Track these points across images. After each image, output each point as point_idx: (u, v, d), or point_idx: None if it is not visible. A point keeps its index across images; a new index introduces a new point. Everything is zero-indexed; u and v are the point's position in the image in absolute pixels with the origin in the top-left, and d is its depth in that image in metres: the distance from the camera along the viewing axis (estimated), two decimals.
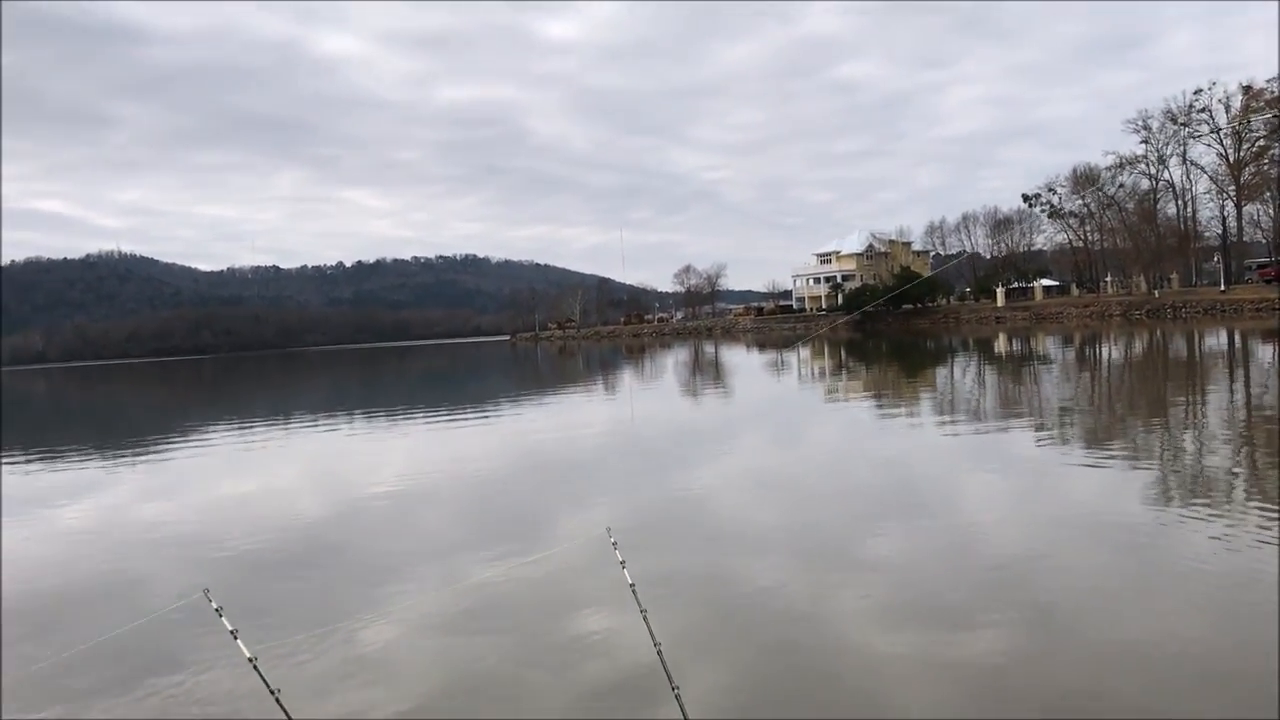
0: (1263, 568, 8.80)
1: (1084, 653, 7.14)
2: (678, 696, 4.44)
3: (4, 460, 24.94)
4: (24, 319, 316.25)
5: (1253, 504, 11.84)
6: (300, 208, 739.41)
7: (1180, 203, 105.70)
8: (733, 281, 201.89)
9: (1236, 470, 14.29)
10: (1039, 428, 20.24)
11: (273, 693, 4.40)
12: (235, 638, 4.57)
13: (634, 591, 5.17)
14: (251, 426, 32.21)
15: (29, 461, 24.96)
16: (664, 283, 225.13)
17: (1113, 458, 15.84)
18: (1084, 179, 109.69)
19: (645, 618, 5.02)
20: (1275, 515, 10.86)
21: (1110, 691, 6.39)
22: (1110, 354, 46.12)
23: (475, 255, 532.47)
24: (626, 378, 52.80)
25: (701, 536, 11.62)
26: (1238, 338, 49.17)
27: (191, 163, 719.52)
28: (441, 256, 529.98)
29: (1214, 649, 7.12)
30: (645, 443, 22.44)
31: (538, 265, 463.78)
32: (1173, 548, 9.86)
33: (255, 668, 4.46)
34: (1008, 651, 7.24)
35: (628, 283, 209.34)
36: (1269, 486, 12.96)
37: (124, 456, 25.17)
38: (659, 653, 4.74)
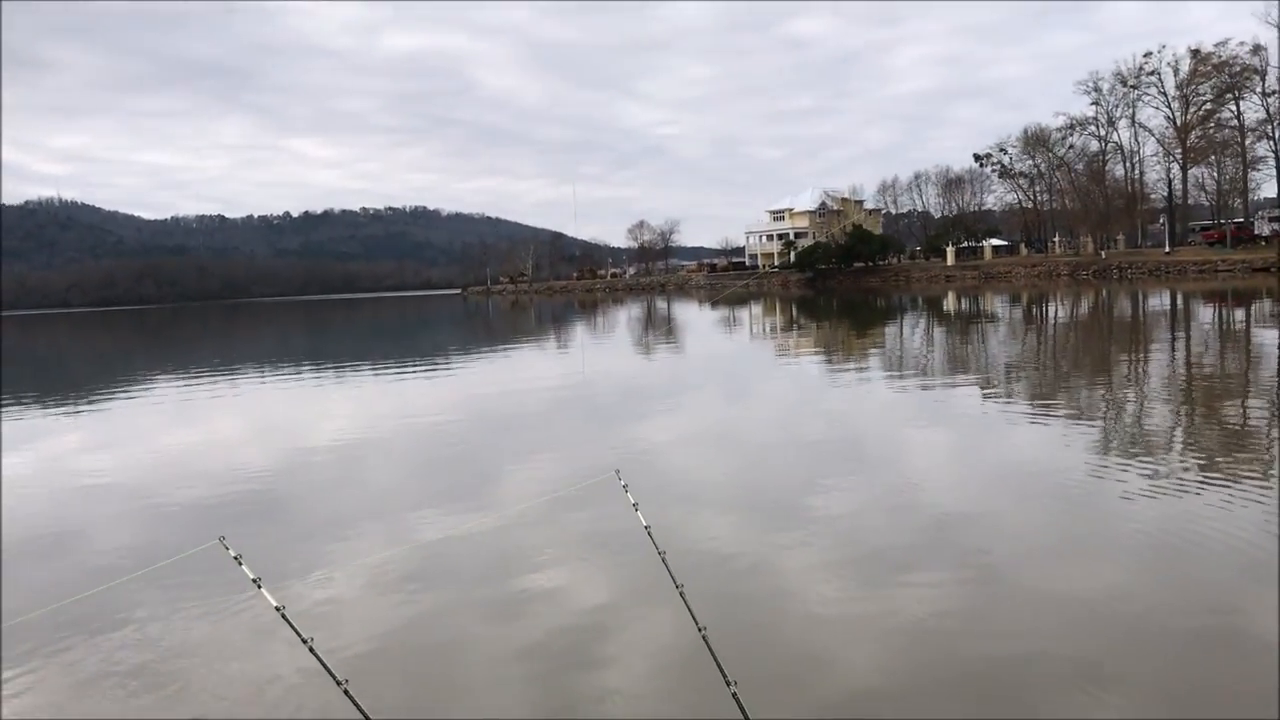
0: (1198, 522, 9.01)
1: (1023, 606, 7.28)
2: (704, 637, 4.32)
3: None
4: None
5: (1189, 460, 12.12)
6: (245, 156, 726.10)
7: (1128, 164, 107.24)
8: (686, 238, 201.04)
9: (1175, 427, 14.61)
10: (984, 385, 20.52)
11: (305, 641, 4.16)
12: (259, 586, 4.39)
13: (650, 534, 5.15)
14: (198, 378, 31.63)
15: None
16: (617, 238, 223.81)
17: (1055, 414, 16.09)
18: (1034, 139, 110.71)
19: (664, 560, 5.06)
20: (1213, 470, 11.13)
21: (1049, 644, 6.52)
22: (1057, 313, 46.81)
23: (425, 207, 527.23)
24: (580, 333, 52.64)
25: (652, 489, 11.60)
26: (1180, 299, 50.12)
27: (133, 108, 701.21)
28: (391, 208, 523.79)
29: (1150, 602, 7.28)
30: (598, 398, 22.40)
31: (489, 218, 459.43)
32: (1111, 503, 10.04)
33: (284, 617, 4.25)
34: (949, 605, 7.35)
35: (580, 237, 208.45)
36: (1205, 443, 13.27)
37: (65, 406, 24.64)
38: (681, 593, 4.70)
